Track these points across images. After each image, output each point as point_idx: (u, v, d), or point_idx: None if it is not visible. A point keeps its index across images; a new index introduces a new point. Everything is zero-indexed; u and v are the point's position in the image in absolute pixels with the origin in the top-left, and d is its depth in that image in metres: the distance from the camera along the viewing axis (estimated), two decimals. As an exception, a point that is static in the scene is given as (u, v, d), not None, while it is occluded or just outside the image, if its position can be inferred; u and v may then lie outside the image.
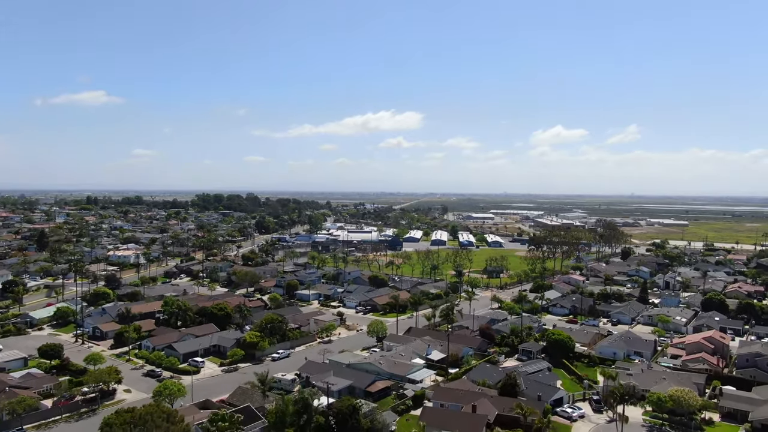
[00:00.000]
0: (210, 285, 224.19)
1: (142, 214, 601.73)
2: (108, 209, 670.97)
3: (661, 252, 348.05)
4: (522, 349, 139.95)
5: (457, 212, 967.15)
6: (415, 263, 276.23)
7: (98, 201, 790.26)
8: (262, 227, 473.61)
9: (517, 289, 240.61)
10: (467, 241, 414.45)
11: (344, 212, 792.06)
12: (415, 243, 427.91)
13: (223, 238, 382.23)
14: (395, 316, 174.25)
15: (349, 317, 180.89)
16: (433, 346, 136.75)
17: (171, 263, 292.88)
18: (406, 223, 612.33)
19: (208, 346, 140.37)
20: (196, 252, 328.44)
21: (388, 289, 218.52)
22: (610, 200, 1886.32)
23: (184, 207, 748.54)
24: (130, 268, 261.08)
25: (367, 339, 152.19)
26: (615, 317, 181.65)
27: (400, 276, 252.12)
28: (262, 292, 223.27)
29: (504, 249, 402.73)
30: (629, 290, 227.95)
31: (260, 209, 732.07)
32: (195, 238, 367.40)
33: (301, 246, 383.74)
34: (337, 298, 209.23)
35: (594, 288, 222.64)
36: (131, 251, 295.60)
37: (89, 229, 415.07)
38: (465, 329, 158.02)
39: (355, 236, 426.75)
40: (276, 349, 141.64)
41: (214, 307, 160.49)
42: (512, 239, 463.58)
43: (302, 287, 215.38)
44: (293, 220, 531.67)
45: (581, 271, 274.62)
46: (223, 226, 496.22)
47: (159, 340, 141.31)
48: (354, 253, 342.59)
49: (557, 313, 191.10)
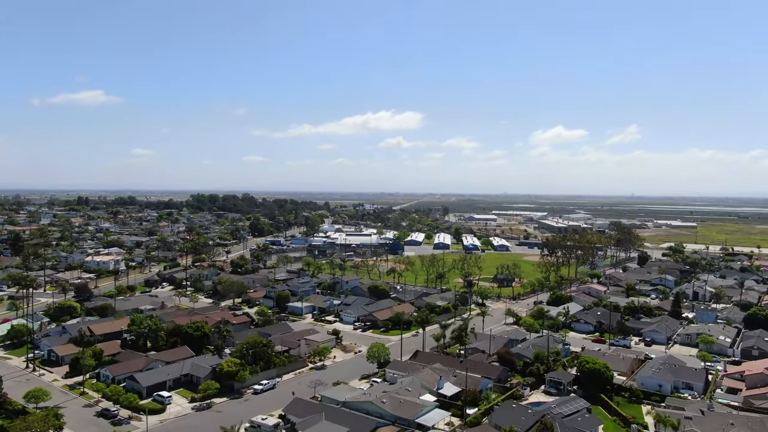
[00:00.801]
0: (193, 296, 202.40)
1: (132, 215, 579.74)
2: (98, 210, 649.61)
3: (679, 257, 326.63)
4: (550, 380, 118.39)
5: (458, 213, 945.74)
6: (418, 270, 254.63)
7: (89, 201, 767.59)
8: (256, 229, 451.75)
9: (531, 300, 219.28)
10: (472, 245, 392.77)
11: (342, 213, 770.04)
12: (416, 246, 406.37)
13: (214, 241, 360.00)
14: (399, 334, 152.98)
15: (346, 335, 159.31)
16: (446, 377, 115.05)
17: (155, 269, 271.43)
18: (406, 224, 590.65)
19: (179, 376, 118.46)
20: (183, 257, 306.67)
21: (390, 301, 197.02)
22: (610, 201, 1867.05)
23: (177, 208, 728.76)
24: (108, 276, 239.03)
25: (367, 365, 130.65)
26: (648, 336, 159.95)
27: (403, 285, 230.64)
28: (250, 303, 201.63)
29: (511, 253, 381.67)
30: (657, 302, 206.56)
31: (256, 210, 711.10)
32: (183, 242, 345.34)
33: (296, 250, 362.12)
34: (334, 312, 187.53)
35: (618, 300, 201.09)
36: (111, 257, 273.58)
37: (72, 232, 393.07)
38: (480, 353, 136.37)
39: (354, 239, 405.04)
40: (259, 379, 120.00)
41: (190, 327, 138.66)
42: (519, 242, 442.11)
43: (294, 299, 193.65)
44: (289, 221, 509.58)
45: (598, 279, 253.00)
46: (215, 228, 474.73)
47: (121, 368, 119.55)
48: (352, 257, 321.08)
49: (581, 330, 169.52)
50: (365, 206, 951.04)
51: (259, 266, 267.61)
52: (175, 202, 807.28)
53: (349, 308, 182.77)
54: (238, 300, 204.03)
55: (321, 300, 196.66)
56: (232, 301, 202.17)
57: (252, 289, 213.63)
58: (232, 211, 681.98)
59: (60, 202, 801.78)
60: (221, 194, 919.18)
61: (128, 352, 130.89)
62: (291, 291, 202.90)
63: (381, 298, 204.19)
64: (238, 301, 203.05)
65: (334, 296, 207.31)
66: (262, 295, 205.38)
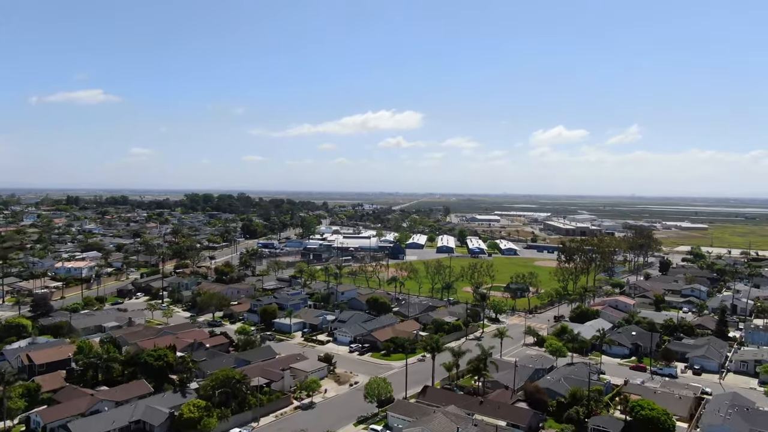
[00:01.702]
0: (167, 309, 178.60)
1: (121, 216, 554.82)
2: (87, 210, 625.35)
3: (703, 263, 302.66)
4: (593, 429, 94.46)
5: (459, 214, 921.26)
6: (422, 279, 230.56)
7: (79, 201, 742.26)
8: (248, 231, 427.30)
9: (550, 313, 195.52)
10: (478, 248, 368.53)
11: (341, 214, 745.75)
12: (419, 250, 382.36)
13: (201, 244, 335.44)
14: (402, 358, 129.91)
15: (340, 360, 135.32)
16: (464, 426, 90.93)
17: (134, 275, 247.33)
18: (407, 226, 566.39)
19: (128, 423, 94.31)
20: (166, 262, 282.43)
21: (392, 317, 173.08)
22: (610, 201, 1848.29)
23: (170, 207, 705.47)
24: (77, 285, 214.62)
25: (364, 403, 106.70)
26: (695, 362, 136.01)
27: (406, 296, 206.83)
28: (232, 318, 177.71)
29: (520, 257, 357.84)
30: (692, 317, 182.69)
31: (252, 210, 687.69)
32: (168, 245, 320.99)
33: (290, 254, 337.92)
34: (327, 329, 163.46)
35: (651, 315, 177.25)
36: (84, 262, 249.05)
37: (51, 234, 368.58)
38: (502, 388, 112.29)
39: (352, 242, 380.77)
40: (229, 427, 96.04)
41: (151, 354, 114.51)
42: (526, 245, 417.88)
43: (282, 314, 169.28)
44: (284, 223, 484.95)
45: (622, 290, 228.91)
46: (207, 229, 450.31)
47: (57, 413, 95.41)
48: (350, 263, 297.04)
49: (614, 354, 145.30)
50: (364, 206, 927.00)
51: (246, 273, 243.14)
52: (168, 202, 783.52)
53: (344, 326, 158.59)
54: (219, 314, 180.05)
55: (313, 315, 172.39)
56: (212, 316, 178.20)
57: (236, 301, 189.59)
58: (226, 212, 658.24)
59: (50, 202, 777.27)
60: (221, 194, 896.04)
61: (71, 389, 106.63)
62: (279, 304, 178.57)
63: (381, 312, 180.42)
64: (219, 316, 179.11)
65: (328, 310, 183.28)
66: (246, 309, 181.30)
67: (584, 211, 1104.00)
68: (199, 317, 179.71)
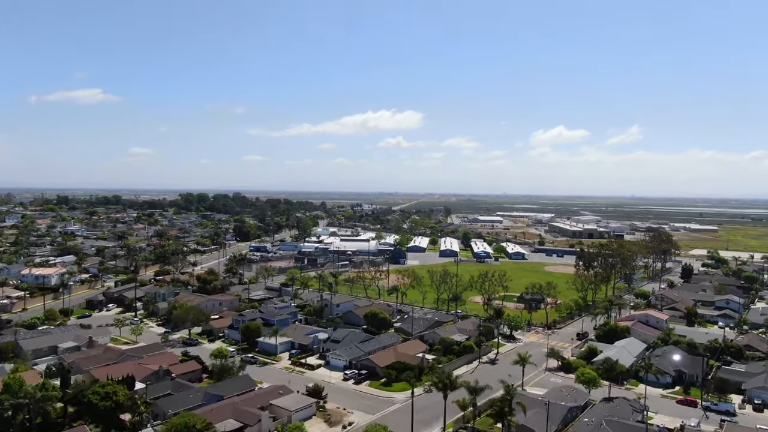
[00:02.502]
0: (138, 325, 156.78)
1: (110, 216, 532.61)
2: (76, 210, 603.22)
3: (728, 269, 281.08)
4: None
5: (461, 214, 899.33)
6: (426, 287, 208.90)
7: (69, 201, 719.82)
8: (241, 233, 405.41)
9: (571, 329, 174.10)
10: (483, 252, 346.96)
11: (339, 214, 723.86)
12: (421, 254, 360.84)
13: (187, 248, 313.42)
14: (406, 388, 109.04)
15: (332, 392, 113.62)
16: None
17: (110, 283, 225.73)
18: (408, 227, 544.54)
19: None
20: (147, 267, 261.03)
21: (393, 336, 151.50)
22: (610, 201, 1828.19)
23: (163, 207, 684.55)
24: (41, 294, 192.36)
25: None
26: (755, 395, 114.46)
27: (409, 307, 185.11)
28: (211, 335, 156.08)
29: (529, 262, 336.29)
30: (737, 334, 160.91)
31: (247, 211, 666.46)
32: (152, 248, 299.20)
33: (283, 258, 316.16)
34: (318, 350, 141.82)
35: (687, 332, 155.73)
36: (53, 269, 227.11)
37: (30, 236, 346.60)
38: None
39: (350, 245, 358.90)
40: (185, 495, 74.53)
41: (97, 393, 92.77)
42: (534, 248, 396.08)
43: (268, 331, 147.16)
44: (279, 224, 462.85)
45: (646, 300, 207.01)
46: (197, 230, 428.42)
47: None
48: (347, 268, 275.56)
49: (655, 383, 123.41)
50: (364, 206, 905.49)
51: (232, 282, 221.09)
52: (162, 202, 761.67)
53: (338, 346, 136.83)
54: (197, 330, 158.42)
55: (303, 333, 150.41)
56: (189, 333, 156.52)
57: (217, 315, 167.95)
58: (221, 212, 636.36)
59: (40, 201, 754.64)
60: (216, 194, 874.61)
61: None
62: (264, 320, 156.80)
63: (381, 329, 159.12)
64: (197, 332, 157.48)
65: (321, 326, 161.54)
66: (227, 324, 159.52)
67: (586, 212, 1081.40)
68: (174, 334, 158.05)
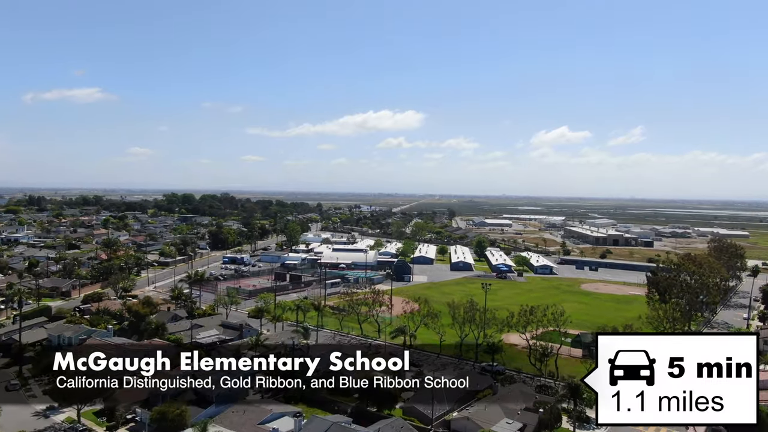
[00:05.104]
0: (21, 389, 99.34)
1: (77, 219, 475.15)
2: (44, 212, 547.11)
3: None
4: None
5: (465, 217, 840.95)
6: (443, 320, 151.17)
7: (42, 201, 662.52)
8: (218, 240, 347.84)
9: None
10: (504, 266, 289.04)
11: (335, 217, 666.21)
12: (428, 266, 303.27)
13: (142, 260, 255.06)
14: None
15: None
16: None
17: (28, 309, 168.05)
18: (410, 231, 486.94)
19: None
20: (83, 288, 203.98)
21: (400, 421, 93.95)
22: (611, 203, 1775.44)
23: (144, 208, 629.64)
24: None
25: None
26: None
27: (420, 355, 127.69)
28: (112, 419, 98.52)
29: (558, 277, 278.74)
30: None
31: (234, 213, 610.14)
32: (98, 262, 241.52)
33: (262, 273, 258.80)
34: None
35: None
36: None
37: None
38: None
39: (343, 256, 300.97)
40: None
41: None
42: (560, 260, 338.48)
43: (199, 418, 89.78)
44: (264, 228, 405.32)
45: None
46: (170, 236, 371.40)
47: None
48: (338, 286, 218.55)
49: None
50: (362, 208, 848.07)
51: (178, 315, 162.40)
52: (144, 203, 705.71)
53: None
54: (93, 409, 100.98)
55: (255, 421, 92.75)
56: (77, 415, 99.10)
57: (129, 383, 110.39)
58: (205, 214, 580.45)
59: (13, 202, 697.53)
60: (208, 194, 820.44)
61: None
62: (197, 394, 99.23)
63: (381, 408, 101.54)
64: (94, 411, 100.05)
65: (288, 398, 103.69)
66: (141, 399, 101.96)
67: (595, 213, 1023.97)
68: (60, 412, 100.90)
